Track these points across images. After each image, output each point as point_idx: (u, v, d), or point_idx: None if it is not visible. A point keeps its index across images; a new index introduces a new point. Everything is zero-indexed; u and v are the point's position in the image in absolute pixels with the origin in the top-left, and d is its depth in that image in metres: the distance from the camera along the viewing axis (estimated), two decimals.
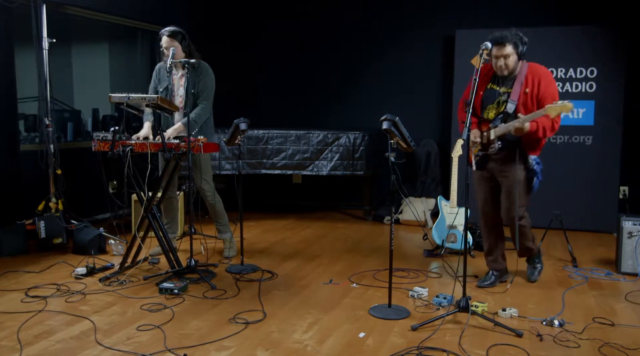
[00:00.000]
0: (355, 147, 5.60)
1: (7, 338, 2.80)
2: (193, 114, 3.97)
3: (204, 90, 4.07)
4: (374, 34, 6.47)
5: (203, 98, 4.08)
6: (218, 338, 2.82)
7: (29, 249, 4.44)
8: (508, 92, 3.38)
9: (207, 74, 4.10)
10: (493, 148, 3.43)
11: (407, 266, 4.16)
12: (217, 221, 4.34)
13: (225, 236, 4.37)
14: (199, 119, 4.03)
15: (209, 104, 4.11)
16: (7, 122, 4.71)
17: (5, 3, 4.47)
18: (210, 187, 4.23)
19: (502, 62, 3.31)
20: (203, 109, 4.06)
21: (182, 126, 3.97)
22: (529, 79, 3.34)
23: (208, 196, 4.24)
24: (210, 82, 4.11)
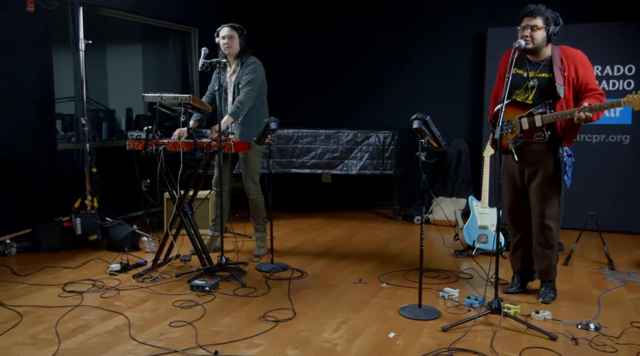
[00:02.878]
0: (385, 146, 5.57)
1: (45, 331, 2.89)
2: (236, 101, 4.05)
3: (247, 78, 4.12)
4: (405, 33, 6.42)
5: (245, 85, 4.11)
6: (248, 335, 2.84)
7: (66, 245, 4.57)
8: (537, 76, 3.23)
9: (253, 64, 4.15)
10: (540, 136, 3.18)
11: (438, 266, 4.12)
12: (255, 219, 4.38)
13: (259, 235, 4.41)
14: (241, 105, 4.06)
15: (251, 90, 4.12)
16: (45, 122, 4.84)
17: (44, 6, 4.60)
18: (255, 185, 4.28)
19: (527, 32, 3.16)
20: (245, 95, 4.09)
21: (230, 117, 4.01)
22: (564, 62, 3.19)
23: (252, 194, 4.28)
24: (255, 72, 4.14)
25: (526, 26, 3.17)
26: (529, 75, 3.26)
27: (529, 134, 3.23)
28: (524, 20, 3.18)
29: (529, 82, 3.26)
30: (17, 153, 4.57)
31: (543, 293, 3.40)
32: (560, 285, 3.55)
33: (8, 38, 4.44)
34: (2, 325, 2.95)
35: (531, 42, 3.17)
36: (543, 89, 3.22)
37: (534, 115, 3.20)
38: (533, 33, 3.16)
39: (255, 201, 4.32)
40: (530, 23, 3.16)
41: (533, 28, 3.16)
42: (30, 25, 4.60)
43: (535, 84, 3.24)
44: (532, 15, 3.16)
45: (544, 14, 3.16)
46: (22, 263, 4.17)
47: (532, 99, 3.24)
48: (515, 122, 3.25)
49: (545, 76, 3.22)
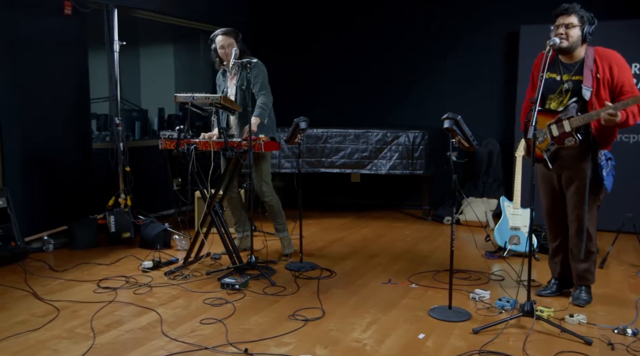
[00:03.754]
0: (415, 146, 5.53)
1: (81, 326, 2.96)
2: (259, 103, 4.06)
3: (257, 82, 4.11)
4: (435, 31, 6.37)
5: (260, 89, 4.11)
6: (278, 334, 2.86)
7: (100, 242, 4.68)
8: (572, 79, 3.14)
9: (256, 66, 4.11)
10: (571, 141, 3.10)
11: (468, 267, 4.07)
12: (275, 220, 4.37)
13: (282, 235, 4.40)
14: (265, 106, 4.08)
15: (267, 92, 4.14)
16: (81, 122, 4.97)
17: (80, 9, 4.71)
18: (269, 187, 4.27)
19: (562, 30, 3.07)
20: (266, 97, 4.10)
21: (257, 119, 4.01)
22: (598, 63, 3.08)
23: (267, 197, 4.27)
24: (260, 73, 4.13)
25: (560, 24, 3.10)
26: (562, 78, 3.18)
27: (559, 141, 3.16)
28: (558, 19, 3.11)
29: (563, 85, 3.17)
30: (55, 152, 4.70)
31: (576, 296, 3.32)
32: (595, 289, 3.45)
33: (46, 40, 4.56)
34: (40, 319, 3.04)
35: (566, 40, 3.08)
36: (577, 92, 3.11)
37: (562, 120, 3.12)
38: (568, 31, 3.08)
39: (271, 203, 4.28)
40: (564, 21, 3.08)
41: (568, 26, 3.08)
42: (67, 28, 4.72)
43: (569, 87, 3.14)
44: (566, 14, 3.08)
45: (578, 12, 3.08)
46: (58, 259, 4.28)
47: (567, 102, 3.15)
48: (546, 130, 3.18)
49: (580, 78, 3.12)
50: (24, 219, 4.32)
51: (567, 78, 3.16)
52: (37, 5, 4.50)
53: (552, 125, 3.15)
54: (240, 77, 4.13)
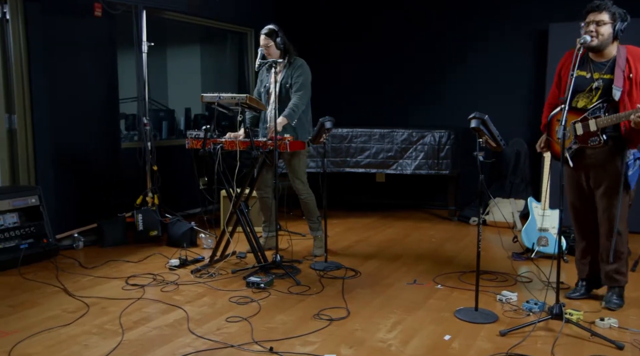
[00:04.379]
0: (441, 146, 5.49)
1: (110, 322, 3.02)
2: (290, 104, 4.09)
3: (297, 81, 4.14)
4: (462, 30, 6.30)
5: (298, 89, 4.14)
6: (302, 333, 2.87)
7: (128, 240, 4.75)
8: (602, 77, 3.06)
9: (301, 67, 4.17)
10: (595, 141, 3.05)
11: (495, 269, 4.02)
12: (309, 218, 4.39)
13: (316, 234, 4.41)
14: (296, 108, 4.10)
15: (304, 94, 4.17)
16: (110, 121, 5.06)
17: (110, 10, 4.80)
18: (303, 185, 4.29)
19: (592, 28, 3.00)
20: (299, 99, 4.13)
21: (284, 119, 4.04)
22: (630, 63, 3.01)
23: (302, 194, 4.29)
24: (303, 74, 4.17)
25: (591, 21, 3.03)
26: (592, 76, 3.10)
27: (583, 140, 3.10)
28: (589, 16, 3.04)
29: (593, 83, 3.09)
30: (85, 152, 4.80)
31: (608, 299, 3.25)
32: (628, 292, 3.37)
33: (77, 42, 4.66)
34: (71, 315, 3.11)
35: (596, 38, 3.01)
36: (607, 91, 3.04)
37: (588, 119, 3.06)
38: (599, 28, 3.01)
39: (306, 200, 4.32)
40: (595, 18, 3.02)
41: (599, 23, 3.01)
42: (97, 30, 4.82)
43: (600, 86, 3.06)
44: (597, 10, 3.01)
45: (610, 9, 3.01)
46: (88, 256, 4.37)
47: (596, 101, 3.08)
48: (570, 128, 3.12)
49: (610, 77, 3.04)
50: (55, 217, 4.42)
51: (597, 76, 3.09)
52: (69, 8, 4.60)
53: (577, 123, 3.10)
54: (286, 75, 4.16)
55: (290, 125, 4.11)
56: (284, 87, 4.18)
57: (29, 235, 4.12)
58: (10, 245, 3.98)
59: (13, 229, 4.03)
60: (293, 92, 4.14)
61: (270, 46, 4.12)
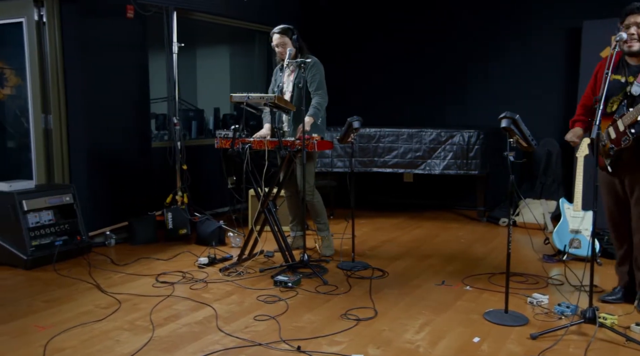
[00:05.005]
0: (470, 145, 5.42)
1: (141, 318, 3.07)
2: (313, 103, 4.09)
3: (314, 81, 4.14)
4: (492, 28, 6.21)
5: (316, 88, 4.14)
6: (330, 332, 2.87)
7: (158, 238, 4.83)
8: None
9: (314, 66, 4.16)
10: (626, 141, 2.97)
11: (525, 270, 3.96)
12: (316, 219, 4.37)
13: (324, 234, 4.40)
14: (320, 106, 4.12)
15: (324, 92, 4.18)
16: (142, 121, 5.15)
17: (142, 12, 4.89)
18: (309, 186, 4.25)
19: (634, 31, 2.93)
20: (321, 97, 4.14)
21: (310, 118, 4.04)
22: None
23: (307, 195, 4.25)
24: (319, 72, 4.17)
25: (631, 24, 2.95)
26: (627, 80, 3.03)
27: (617, 142, 3.03)
28: (629, 18, 2.95)
29: (627, 88, 3.02)
30: (117, 151, 4.89)
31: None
32: None
33: (111, 43, 4.76)
34: (103, 310, 3.18)
35: (637, 42, 2.94)
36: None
37: (616, 121, 3.00)
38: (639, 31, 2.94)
39: (313, 201, 4.28)
40: (637, 20, 2.93)
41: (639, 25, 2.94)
42: (130, 31, 4.91)
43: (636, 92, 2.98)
44: (638, 13, 2.93)
45: None
46: (120, 253, 4.46)
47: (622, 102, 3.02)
48: (604, 134, 3.06)
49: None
50: (88, 214, 4.52)
51: (632, 80, 3.01)
52: (103, 9, 4.70)
53: (609, 127, 3.05)
54: (298, 75, 4.16)
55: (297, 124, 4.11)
56: (296, 87, 4.17)
57: (64, 232, 4.22)
58: (45, 242, 4.08)
59: (48, 227, 4.14)
60: (313, 91, 4.14)
61: (286, 44, 4.12)
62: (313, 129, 4.09)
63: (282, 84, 4.26)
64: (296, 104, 4.08)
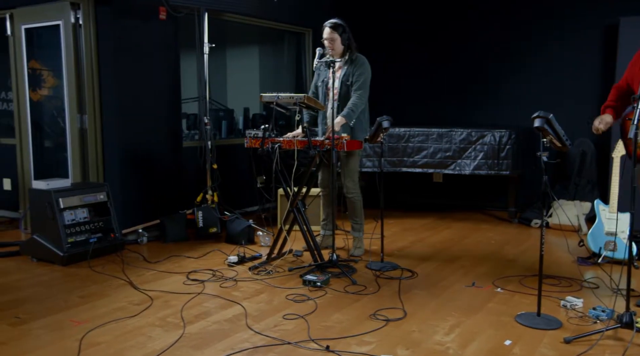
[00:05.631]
0: (501, 145, 5.34)
1: (172, 315, 3.12)
2: (349, 104, 4.09)
3: (358, 80, 4.13)
4: (525, 26, 6.10)
5: (358, 88, 4.14)
6: (359, 332, 2.87)
7: (189, 236, 4.89)
8: None
9: (362, 65, 4.16)
10: None
11: (558, 273, 3.88)
12: (353, 218, 4.37)
13: (357, 235, 4.39)
14: (355, 108, 4.10)
15: (364, 93, 4.16)
16: (173, 121, 5.23)
17: (174, 13, 4.96)
18: (354, 185, 4.27)
19: None
20: (359, 98, 4.12)
21: (342, 118, 4.04)
22: None
23: (350, 193, 4.29)
24: (365, 73, 4.16)
25: None
26: None
27: None
28: None
29: None
30: (149, 151, 4.98)
31: None
32: None
33: (144, 44, 4.84)
34: (136, 307, 3.24)
35: None
36: None
37: None
38: None
39: (354, 200, 4.29)
40: None
41: None
42: (162, 32, 4.99)
43: None
44: None
45: None
46: (151, 250, 4.53)
47: None
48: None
49: None
50: (121, 212, 4.61)
51: None
52: (136, 11, 4.79)
53: None
54: (347, 72, 4.16)
55: (348, 124, 4.11)
56: (344, 84, 4.17)
57: (98, 230, 4.32)
58: (81, 239, 4.18)
59: (83, 224, 4.24)
60: (353, 91, 4.14)
61: (335, 40, 4.10)
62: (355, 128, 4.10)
63: (327, 79, 4.25)
64: (342, 102, 4.09)
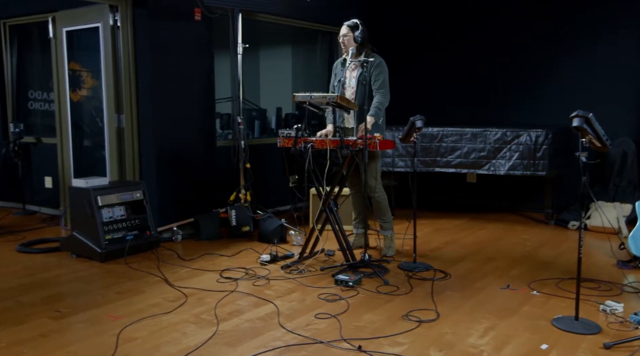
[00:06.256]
0: (537, 145, 5.23)
1: (206, 312, 3.17)
2: (375, 102, 4.09)
3: (378, 79, 4.14)
4: (562, 25, 5.96)
5: (379, 87, 4.14)
6: (391, 333, 2.85)
7: (222, 234, 4.95)
8: None
9: (379, 65, 4.16)
10: None
11: (597, 276, 3.78)
12: (380, 217, 4.36)
13: (387, 233, 4.37)
14: (381, 106, 4.12)
15: (386, 91, 4.17)
16: (207, 121, 5.29)
17: (209, 14, 5.03)
18: (376, 183, 4.25)
19: None
20: (383, 96, 4.14)
21: (372, 118, 4.05)
22: None
23: (375, 193, 4.25)
24: (383, 72, 4.17)
25: None
26: None
27: None
28: None
29: None
30: (184, 150, 5.06)
31: None
32: None
33: (179, 45, 4.92)
34: (171, 303, 3.30)
35: None
36: None
37: None
38: None
39: (378, 199, 4.27)
40: None
41: None
42: (197, 33, 5.06)
43: None
44: None
45: None
46: (186, 248, 4.61)
47: None
48: None
49: None
50: (156, 210, 4.70)
51: None
52: (172, 12, 4.87)
53: None
54: (363, 73, 4.16)
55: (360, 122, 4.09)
56: (360, 84, 4.16)
57: (134, 227, 4.41)
58: (118, 236, 4.28)
59: (120, 221, 4.33)
60: (375, 90, 4.14)
61: (348, 37, 4.14)
62: (374, 129, 4.07)
63: (344, 78, 4.26)
64: (359, 101, 4.08)
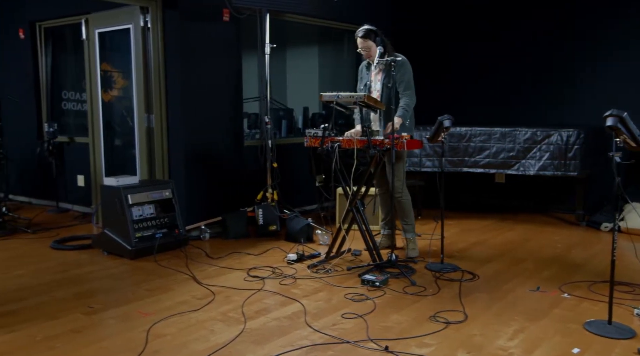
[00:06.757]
0: (569, 145, 5.13)
1: (233, 310, 3.20)
2: (402, 104, 4.08)
3: (402, 81, 4.12)
4: (596, 24, 5.82)
5: (405, 88, 4.13)
6: (418, 334, 2.84)
7: (249, 233, 4.99)
8: None
9: (403, 66, 4.13)
10: None
11: (631, 280, 3.68)
12: (403, 219, 4.32)
13: (409, 236, 4.33)
14: (408, 107, 4.11)
15: (412, 92, 4.16)
16: (235, 121, 5.34)
17: (237, 15, 5.07)
18: (401, 184, 4.23)
19: None
20: (409, 97, 4.13)
21: (399, 119, 4.04)
22: None
23: (398, 193, 4.22)
24: (407, 73, 4.15)
25: None
26: None
27: None
28: None
29: None
30: (212, 150, 5.12)
31: None
32: None
33: (208, 45, 4.98)
34: (199, 301, 3.34)
35: None
36: None
37: None
38: None
39: (402, 200, 4.24)
40: None
41: None
42: (225, 33, 5.11)
43: None
44: None
45: None
46: (213, 247, 4.66)
47: None
48: None
49: None
50: (185, 209, 4.76)
51: None
52: (201, 13, 4.93)
53: None
54: (387, 75, 4.14)
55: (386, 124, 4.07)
56: (385, 86, 4.13)
57: (163, 225, 4.48)
58: (147, 234, 4.35)
59: (150, 220, 4.41)
60: (401, 92, 4.13)
61: (370, 47, 4.12)
62: (401, 130, 4.06)
63: (370, 82, 4.26)
64: (385, 103, 4.07)
